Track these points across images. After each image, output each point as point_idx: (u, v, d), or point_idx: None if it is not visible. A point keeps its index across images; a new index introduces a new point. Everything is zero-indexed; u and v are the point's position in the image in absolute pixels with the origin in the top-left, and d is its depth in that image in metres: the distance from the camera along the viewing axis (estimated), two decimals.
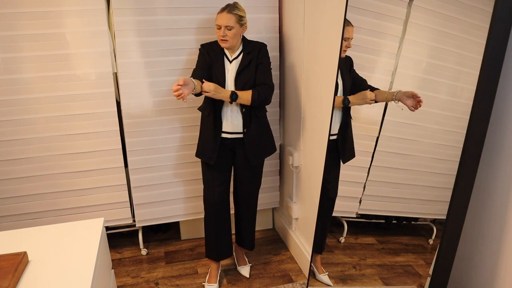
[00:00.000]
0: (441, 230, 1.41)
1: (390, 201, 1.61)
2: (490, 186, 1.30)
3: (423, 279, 1.59)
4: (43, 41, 2.05)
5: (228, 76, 1.93)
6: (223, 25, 1.86)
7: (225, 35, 1.87)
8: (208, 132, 1.98)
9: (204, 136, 2.03)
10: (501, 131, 1.25)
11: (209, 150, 2.00)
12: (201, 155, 2.05)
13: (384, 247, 1.74)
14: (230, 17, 1.86)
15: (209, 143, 1.99)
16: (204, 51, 1.96)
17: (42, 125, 2.15)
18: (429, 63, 1.48)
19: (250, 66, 1.93)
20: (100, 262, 1.09)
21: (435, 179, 1.50)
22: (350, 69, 1.60)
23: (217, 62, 1.94)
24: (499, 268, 1.28)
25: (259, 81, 1.94)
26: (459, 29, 1.35)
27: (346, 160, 1.70)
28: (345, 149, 1.70)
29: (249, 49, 1.95)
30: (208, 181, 2.08)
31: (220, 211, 2.12)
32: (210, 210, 2.10)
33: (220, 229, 2.14)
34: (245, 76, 1.92)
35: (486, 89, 1.22)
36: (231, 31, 1.87)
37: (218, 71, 1.93)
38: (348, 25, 1.52)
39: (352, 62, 1.59)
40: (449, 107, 1.44)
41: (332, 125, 1.68)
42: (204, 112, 2.01)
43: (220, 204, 2.09)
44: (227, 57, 1.95)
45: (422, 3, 1.42)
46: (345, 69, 1.62)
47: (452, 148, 1.37)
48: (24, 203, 2.23)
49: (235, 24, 1.87)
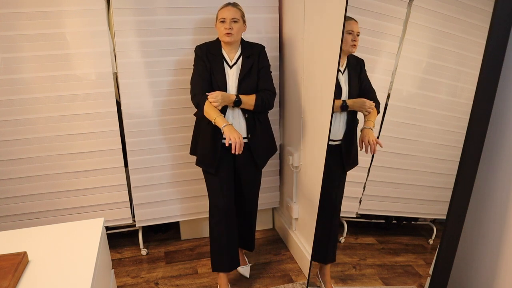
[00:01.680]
0: (441, 230, 1.41)
1: (390, 201, 1.61)
2: (490, 186, 1.30)
3: (423, 279, 1.59)
4: (43, 41, 2.05)
5: (230, 82, 1.89)
6: (228, 17, 1.83)
7: (231, 28, 1.84)
8: (208, 140, 1.92)
9: (203, 143, 1.95)
10: (501, 131, 1.25)
11: (209, 158, 1.93)
12: (201, 163, 1.99)
13: (384, 247, 1.74)
14: (235, 10, 1.86)
15: (209, 150, 1.93)
16: (203, 55, 1.89)
17: (42, 125, 2.15)
18: (429, 63, 1.48)
19: (252, 72, 1.90)
20: (100, 262, 1.09)
21: (435, 179, 1.50)
22: (360, 74, 1.57)
23: (217, 67, 1.88)
24: (499, 268, 1.28)
25: (262, 87, 1.92)
26: (459, 29, 1.35)
27: (350, 167, 1.68)
28: (350, 156, 1.67)
29: (248, 53, 1.92)
30: (215, 189, 1.98)
31: (232, 217, 2.01)
32: (222, 217, 1.96)
33: (232, 236, 2.01)
34: (248, 83, 1.89)
35: (486, 89, 1.22)
36: (237, 24, 1.85)
37: (219, 77, 1.87)
38: (350, 19, 1.51)
39: (362, 66, 1.56)
40: (449, 107, 1.44)
41: (337, 130, 1.66)
42: (204, 119, 1.90)
43: (231, 211, 2.00)
44: (227, 62, 1.91)
45: (422, 3, 1.42)
46: (353, 73, 1.59)
47: (452, 148, 1.37)
48: (24, 203, 2.23)
49: (240, 18, 1.86)
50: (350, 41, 1.53)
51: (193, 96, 1.88)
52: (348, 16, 1.50)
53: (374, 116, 1.55)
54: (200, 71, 1.88)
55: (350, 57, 1.59)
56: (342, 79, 1.61)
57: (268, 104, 1.92)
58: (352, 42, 1.54)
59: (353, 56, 1.57)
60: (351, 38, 1.53)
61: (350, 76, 1.60)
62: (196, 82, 1.88)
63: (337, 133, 1.68)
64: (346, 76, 1.61)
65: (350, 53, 1.58)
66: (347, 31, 1.52)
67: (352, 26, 1.52)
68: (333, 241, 1.81)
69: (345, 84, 1.61)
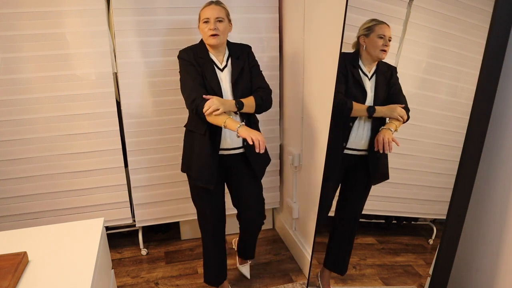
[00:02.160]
0: (441, 230, 1.41)
1: (390, 201, 1.61)
2: (490, 186, 1.30)
3: (423, 279, 1.59)
4: (43, 41, 2.05)
5: (224, 86, 1.75)
6: (213, 17, 1.68)
7: (216, 28, 1.68)
8: (205, 153, 1.75)
9: (200, 158, 1.77)
10: (501, 131, 1.25)
11: (208, 173, 1.77)
12: (199, 181, 1.79)
13: (384, 247, 1.74)
14: (220, 9, 1.71)
15: (208, 165, 1.76)
16: (191, 59, 1.72)
17: (42, 125, 2.15)
18: (429, 63, 1.48)
19: (244, 73, 1.78)
20: (100, 262, 1.09)
21: (435, 179, 1.50)
22: (389, 81, 1.49)
23: (208, 72, 1.73)
24: (499, 268, 1.28)
25: (256, 85, 1.79)
26: (459, 29, 1.35)
27: (377, 181, 1.58)
28: (377, 169, 1.57)
29: (237, 54, 1.79)
30: (203, 204, 1.88)
31: (221, 229, 1.97)
32: (211, 230, 1.92)
33: (221, 247, 1.98)
34: (242, 84, 1.76)
35: (486, 89, 1.22)
36: (222, 24, 1.70)
37: (212, 82, 1.72)
38: (382, 23, 1.44)
39: (393, 73, 1.48)
40: (449, 107, 1.44)
41: (360, 138, 1.56)
42: (197, 131, 1.76)
43: (221, 222, 1.95)
44: (217, 66, 1.76)
45: (422, 3, 1.42)
46: (382, 80, 1.51)
47: (452, 148, 1.37)
48: (24, 203, 2.23)
49: (225, 17, 1.72)
50: (380, 45, 1.46)
51: (191, 101, 1.67)
52: (379, 20, 1.45)
53: (400, 122, 1.48)
54: (194, 75, 1.71)
55: (380, 63, 1.52)
56: (368, 84, 1.53)
57: (268, 102, 1.80)
58: (382, 47, 1.46)
59: (384, 63, 1.50)
60: (382, 43, 1.45)
61: (377, 82, 1.52)
62: (192, 87, 1.68)
63: (360, 141, 1.58)
64: (374, 82, 1.53)
65: (379, 59, 1.50)
66: (379, 35, 1.45)
67: (384, 30, 1.44)
68: (350, 253, 1.76)
69: (371, 90, 1.53)
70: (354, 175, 1.67)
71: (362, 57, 1.53)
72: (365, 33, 1.49)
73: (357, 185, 1.69)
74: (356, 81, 1.53)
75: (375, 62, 1.53)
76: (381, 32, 1.45)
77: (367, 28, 1.48)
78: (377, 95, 1.52)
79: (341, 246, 1.78)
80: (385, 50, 1.46)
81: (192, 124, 1.80)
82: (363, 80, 1.53)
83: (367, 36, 1.48)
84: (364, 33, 1.49)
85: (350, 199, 1.71)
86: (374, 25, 1.47)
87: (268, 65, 2.40)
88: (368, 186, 1.63)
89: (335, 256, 1.82)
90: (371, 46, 1.49)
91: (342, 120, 1.58)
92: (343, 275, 1.80)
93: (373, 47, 1.48)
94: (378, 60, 1.52)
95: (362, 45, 1.51)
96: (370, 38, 1.48)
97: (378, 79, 1.52)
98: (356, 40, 1.53)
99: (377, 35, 1.46)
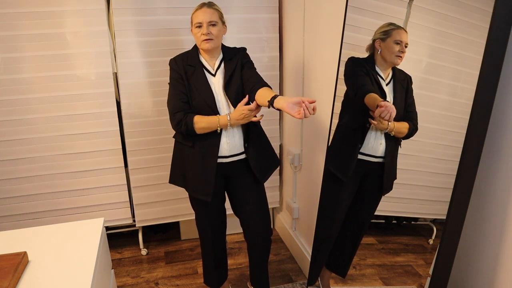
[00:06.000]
0: (441, 230, 1.41)
1: (390, 201, 1.61)
2: (490, 186, 1.30)
3: (423, 279, 1.59)
4: (43, 41, 2.05)
5: (216, 90, 1.66)
6: (205, 21, 1.60)
7: (210, 33, 1.60)
8: (198, 164, 1.68)
9: (193, 170, 1.71)
10: (501, 131, 1.25)
11: (204, 185, 1.69)
12: (195, 193, 1.73)
13: (384, 247, 1.74)
14: (212, 11, 1.62)
15: (201, 177, 1.69)
16: (180, 70, 1.66)
17: (42, 125, 2.15)
18: (429, 63, 1.48)
19: (236, 70, 1.68)
20: (100, 262, 1.09)
21: (435, 179, 1.50)
22: (407, 90, 1.44)
23: (198, 80, 1.65)
24: (499, 268, 1.28)
25: (256, 80, 1.63)
26: (459, 29, 1.35)
27: (386, 191, 1.55)
28: (389, 179, 1.51)
29: (230, 55, 1.70)
30: (202, 214, 1.82)
31: (221, 232, 1.91)
32: (210, 233, 1.85)
33: (221, 249, 1.94)
34: (235, 82, 1.66)
35: (486, 89, 1.22)
36: (215, 27, 1.62)
37: (202, 90, 1.64)
38: (400, 28, 1.41)
39: (410, 83, 1.43)
40: (449, 107, 1.43)
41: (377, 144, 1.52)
42: (185, 143, 1.70)
43: (220, 228, 1.90)
44: (208, 71, 1.68)
45: (422, 3, 1.42)
46: (400, 88, 1.45)
47: (452, 148, 1.37)
48: (25, 203, 2.24)
49: (218, 20, 1.63)
50: (396, 51, 1.42)
51: (173, 115, 1.65)
52: (397, 25, 1.41)
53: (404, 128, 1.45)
54: (179, 90, 1.67)
55: (396, 70, 1.48)
56: (386, 89, 1.49)
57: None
58: (398, 53, 1.42)
59: (399, 70, 1.47)
60: (399, 49, 1.41)
61: (395, 89, 1.47)
62: (175, 104, 1.66)
63: (378, 148, 1.52)
64: (391, 89, 1.49)
65: (394, 64, 1.46)
66: (395, 40, 1.41)
67: (401, 35, 1.40)
68: (353, 257, 1.74)
69: (388, 95, 1.49)
70: (369, 182, 1.63)
71: (377, 62, 1.50)
72: (381, 37, 1.45)
73: (369, 193, 1.64)
74: (375, 82, 1.48)
75: (389, 67, 1.49)
76: (398, 37, 1.41)
77: (384, 32, 1.44)
78: (395, 102, 1.47)
79: (346, 250, 1.76)
80: (400, 56, 1.43)
81: (179, 136, 1.74)
82: (381, 84, 1.49)
83: (383, 41, 1.45)
84: (381, 37, 1.45)
85: (361, 207, 1.67)
86: (391, 30, 1.42)
87: (268, 65, 2.40)
88: (380, 194, 1.60)
89: (338, 258, 1.81)
90: (386, 51, 1.45)
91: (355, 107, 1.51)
92: (345, 277, 1.79)
93: (388, 52, 1.45)
94: (392, 66, 1.48)
95: (377, 49, 1.47)
96: (387, 43, 1.44)
97: (396, 86, 1.48)
98: (371, 43, 1.49)
99: (394, 40, 1.42)
